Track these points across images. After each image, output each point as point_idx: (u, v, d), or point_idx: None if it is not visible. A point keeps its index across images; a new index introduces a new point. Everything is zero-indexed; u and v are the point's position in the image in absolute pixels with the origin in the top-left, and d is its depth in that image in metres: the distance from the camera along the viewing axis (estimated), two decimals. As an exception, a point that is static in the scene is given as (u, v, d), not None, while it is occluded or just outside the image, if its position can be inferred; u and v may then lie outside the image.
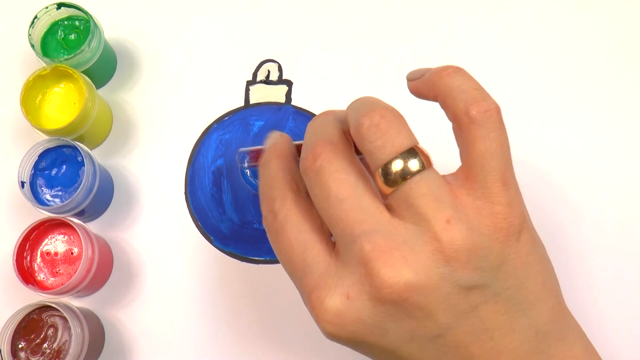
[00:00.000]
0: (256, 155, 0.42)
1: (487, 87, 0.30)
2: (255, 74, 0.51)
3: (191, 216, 0.48)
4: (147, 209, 0.48)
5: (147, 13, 0.53)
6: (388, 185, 0.28)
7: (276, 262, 0.46)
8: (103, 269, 0.46)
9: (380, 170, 0.28)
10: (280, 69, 0.51)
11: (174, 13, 0.53)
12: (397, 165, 0.28)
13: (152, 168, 0.49)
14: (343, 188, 0.29)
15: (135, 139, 0.50)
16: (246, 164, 0.43)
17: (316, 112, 0.49)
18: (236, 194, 0.48)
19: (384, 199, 0.29)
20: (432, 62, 0.50)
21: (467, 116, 0.29)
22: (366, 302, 0.28)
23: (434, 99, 0.31)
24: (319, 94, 0.50)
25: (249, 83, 0.51)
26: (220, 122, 0.50)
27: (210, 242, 0.47)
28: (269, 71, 0.51)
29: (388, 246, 0.27)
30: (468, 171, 0.29)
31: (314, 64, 0.51)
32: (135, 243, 0.47)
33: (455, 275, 0.27)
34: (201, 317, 0.45)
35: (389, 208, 0.29)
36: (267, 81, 0.51)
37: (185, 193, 0.48)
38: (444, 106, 0.30)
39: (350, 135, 0.30)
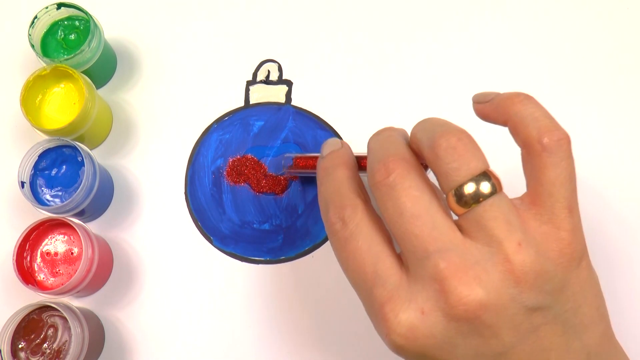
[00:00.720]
0: (303, 163, 0.42)
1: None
2: (255, 74, 0.51)
3: (191, 216, 0.48)
4: (147, 209, 0.48)
5: (147, 13, 0.53)
6: (460, 206, 0.29)
7: (275, 262, 0.46)
8: (103, 269, 0.46)
9: (453, 191, 0.29)
10: (280, 69, 0.51)
11: (174, 13, 0.53)
12: (470, 188, 0.29)
13: (152, 168, 0.49)
14: (418, 205, 0.29)
15: (135, 139, 0.50)
16: (290, 169, 0.43)
17: (316, 112, 0.49)
18: (236, 194, 0.48)
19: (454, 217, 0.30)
20: (434, 63, 0.50)
21: (540, 144, 0.30)
22: (440, 318, 0.28)
23: (503, 124, 0.32)
24: (319, 94, 0.50)
25: (249, 83, 0.51)
26: (220, 122, 0.50)
27: (210, 242, 0.47)
28: (269, 71, 0.51)
29: (462, 265, 0.28)
30: (535, 196, 0.30)
31: (314, 64, 0.51)
32: (135, 243, 0.47)
33: (523, 296, 0.28)
34: (201, 317, 0.45)
35: (460, 228, 0.30)
36: (267, 81, 0.50)
37: (185, 193, 0.48)
38: (514, 132, 0.31)
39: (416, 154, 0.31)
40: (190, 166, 0.49)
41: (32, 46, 0.47)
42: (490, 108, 0.32)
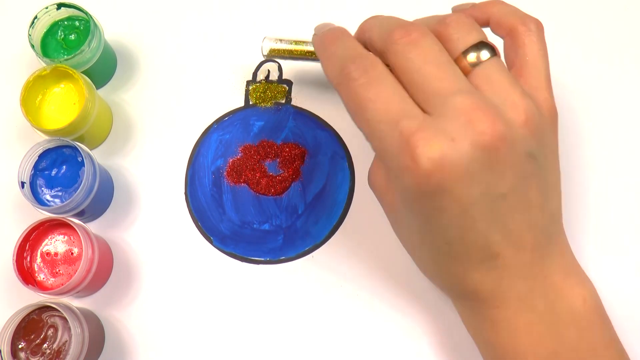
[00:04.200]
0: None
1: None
2: (255, 74, 0.51)
3: (191, 216, 0.48)
4: (147, 209, 0.48)
5: (147, 13, 0.53)
6: (470, 65, 0.33)
7: (276, 262, 0.46)
8: (103, 269, 0.46)
9: (463, 52, 0.33)
10: (280, 69, 0.51)
11: (173, 13, 0.53)
12: (477, 49, 0.33)
13: (152, 168, 0.49)
14: (441, 56, 0.33)
15: (135, 139, 0.50)
16: (272, 52, 0.46)
17: (316, 112, 0.49)
18: (236, 194, 0.48)
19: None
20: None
21: (524, 26, 0.36)
22: (468, 146, 0.31)
23: (484, 23, 0.37)
24: (319, 94, 0.50)
25: (249, 83, 0.51)
26: (220, 122, 0.50)
27: (210, 243, 0.47)
28: (269, 71, 0.51)
29: (484, 103, 0.31)
30: (522, 70, 0.36)
31: (314, 64, 0.51)
32: (135, 243, 0.47)
33: (526, 139, 0.32)
34: (201, 317, 0.45)
35: None
36: (267, 81, 0.50)
37: (185, 193, 0.48)
38: (497, 26, 0.37)
39: None
40: (190, 166, 0.49)
41: (32, 46, 0.47)
42: (472, 11, 0.38)
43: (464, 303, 0.38)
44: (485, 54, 0.33)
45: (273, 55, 0.46)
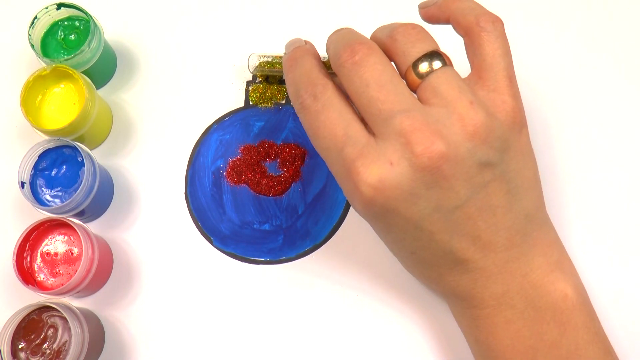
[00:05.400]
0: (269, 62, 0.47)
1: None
2: (255, 75, 0.51)
3: (191, 216, 0.48)
4: (147, 209, 0.48)
5: (147, 13, 0.53)
6: (418, 77, 0.33)
7: (276, 262, 0.46)
8: (103, 269, 0.46)
9: (411, 66, 0.33)
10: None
11: (174, 13, 0.53)
12: (425, 62, 0.33)
13: (152, 168, 0.49)
14: (383, 76, 0.33)
15: (135, 139, 0.50)
16: (257, 68, 0.47)
17: (316, 112, 0.49)
18: (236, 194, 0.48)
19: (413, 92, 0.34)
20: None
21: (478, 25, 0.35)
22: (406, 168, 0.31)
23: (446, 21, 0.37)
24: (319, 94, 0.50)
25: (249, 83, 0.51)
26: (220, 123, 0.50)
27: (210, 243, 0.47)
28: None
29: (425, 122, 0.31)
30: (480, 71, 0.35)
31: (314, 64, 0.51)
32: (135, 243, 0.47)
33: (476, 151, 0.32)
34: (201, 318, 0.45)
35: (419, 100, 0.34)
36: (267, 81, 0.50)
37: (185, 193, 0.48)
38: (456, 24, 0.36)
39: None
40: (191, 166, 0.49)
41: (32, 46, 0.47)
42: (435, 8, 0.37)
43: (450, 302, 0.39)
44: (435, 64, 0.33)
45: (259, 72, 0.48)
